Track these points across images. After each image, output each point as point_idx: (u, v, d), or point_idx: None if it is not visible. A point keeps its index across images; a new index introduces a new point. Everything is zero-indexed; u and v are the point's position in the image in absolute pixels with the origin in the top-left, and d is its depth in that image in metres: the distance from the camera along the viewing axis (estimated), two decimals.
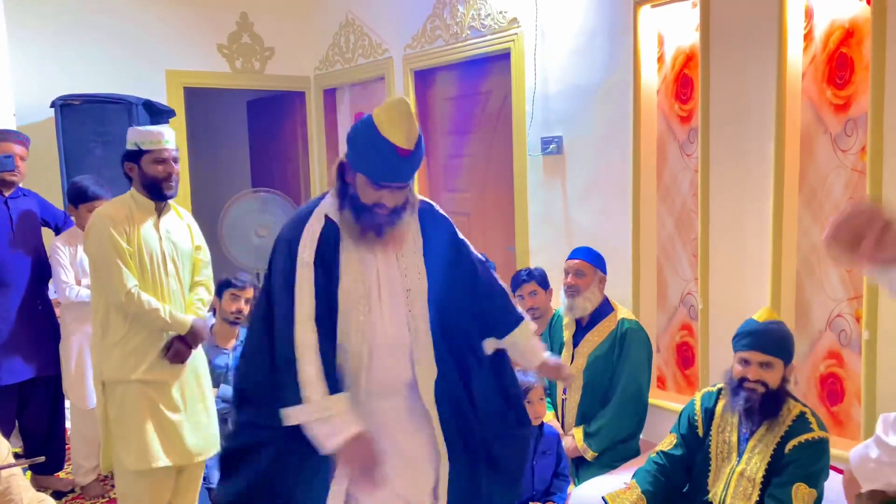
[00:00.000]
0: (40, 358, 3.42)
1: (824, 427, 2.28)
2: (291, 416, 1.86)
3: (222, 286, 3.37)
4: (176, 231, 2.88)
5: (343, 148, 6.32)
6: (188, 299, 2.88)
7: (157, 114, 4.62)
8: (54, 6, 4.75)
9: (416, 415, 2.05)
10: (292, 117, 5.95)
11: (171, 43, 5.18)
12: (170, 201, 2.86)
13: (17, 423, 3.53)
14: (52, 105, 4.34)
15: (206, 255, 3.01)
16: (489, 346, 2.14)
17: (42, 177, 4.29)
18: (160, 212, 2.84)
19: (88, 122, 4.36)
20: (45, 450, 3.48)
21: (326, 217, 1.98)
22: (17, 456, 3.46)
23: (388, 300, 2.00)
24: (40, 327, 3.45)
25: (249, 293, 3.42)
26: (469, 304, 2.10)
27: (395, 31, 4.92)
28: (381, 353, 1.99)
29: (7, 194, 3.40)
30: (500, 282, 2.20)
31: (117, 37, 4.95)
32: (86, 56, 4.84)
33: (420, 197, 2.11)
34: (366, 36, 5.18)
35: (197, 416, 2.83)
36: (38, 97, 4.50)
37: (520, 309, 2.22)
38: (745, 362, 2.31)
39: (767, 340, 2.30)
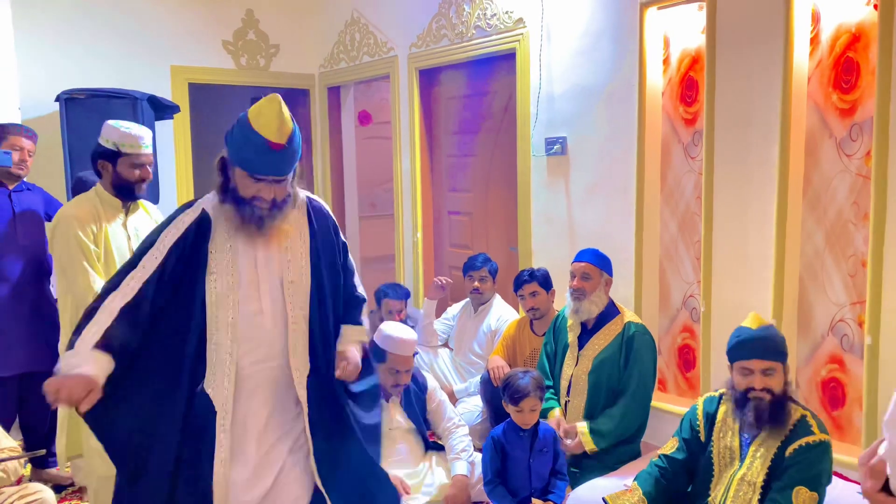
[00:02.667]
0: (38, 353, 3.41)
1: (825, 430, 2.27)
2: (62, 359, 1.89)
3: None
4: (144, 229, 2.85)
5: (348, 146, 6.30)
6: None
7: (162, 109, 4.62)
8: (61, 0, 4.76)
9: (286, 408, 2.12)
10: (296, 115, 5.87)
11: (177, 39, 5.18)
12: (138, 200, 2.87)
13: (17, 418, 3.54)
14: (57, 99, 4.34)
15: None
16: None
17: (46, 170, 4.29)
18: (128, 210, 2.83)
19: (93, 117, 4.33)
20: (45, 444, 3.48)
21: (203, 210, 2.04)
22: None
23: (268, 294, 2.06)
24: (39, 322, 3.43)
25: None
26: (336, 304, 2.19)
27: (401, 29, 4.92)
28: (256, 346, 2.05)
29: (11, 188, 3.40)
30: (360, 290, 2.29)
31: (123, 32, 4.96)
32: (91, 51, 4.84)
33: (313, 196, 2.20)
34: (371, 34, 5.18)
35: None
36: (43, 91, 4.51)
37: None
38: (748, 371, 2.27)
39: (767, 347, 2.26)
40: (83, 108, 4.30)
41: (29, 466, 3.52)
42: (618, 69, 3.59)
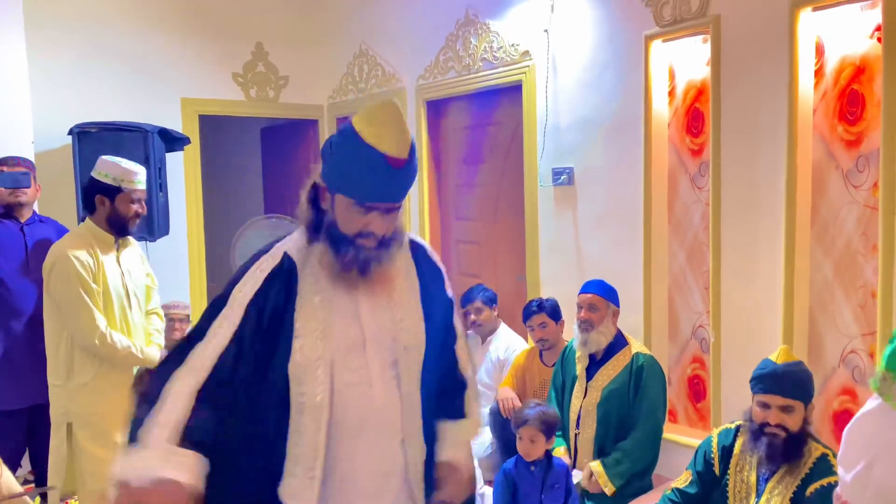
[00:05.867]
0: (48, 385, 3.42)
1: None
2: (122, 463, 1.43)
3: None
4: (134, 265, 2.87)
5: None
6: (146, 330, 2.86)
7: (173, 141, 4.67)
8: (73, 36, 4.84)
9: None
10: (305, 145, 6.01)
11: (187, 72, 5.25)
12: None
13: (27, 449, 3.53)
14: (70, 132, 4.39)
15: (154, 280, 2.98)
16: None
17: (58, 203, 4.33)
18: (119, 246, 2.83)
19: (105, 150, 4.33)
20: None
21: (285, 254, 1.56)
22: (28, 482, 3.45)
23: (377, 360, 1.56)
24: None
25: None
26: (438, 371, 1.69)
27: (409, 61, 4.98)
28: (358, 431, 1.55)
29: (23, 220, 3.42)
30: (463, 370, 1.78)
31: (134, 66, 5.03)
32: (103, 85, 4.91)
33: (414, 235, 1.75)
34: (379, 66, 5.24)
35: None
36: (55, 125, 4.57)
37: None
38: (765, 406, 2.25)
39: (787, 384, 2.23)
40: (95, 142, 4.35)
41: (38, 499, 3.51)
42: (623, 100, 3.62)
